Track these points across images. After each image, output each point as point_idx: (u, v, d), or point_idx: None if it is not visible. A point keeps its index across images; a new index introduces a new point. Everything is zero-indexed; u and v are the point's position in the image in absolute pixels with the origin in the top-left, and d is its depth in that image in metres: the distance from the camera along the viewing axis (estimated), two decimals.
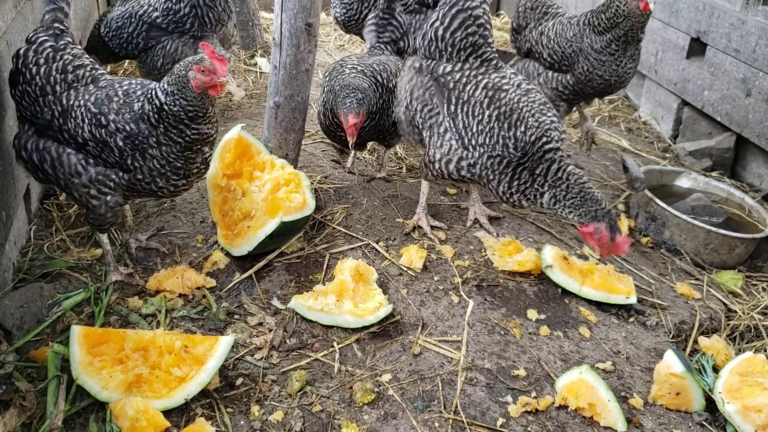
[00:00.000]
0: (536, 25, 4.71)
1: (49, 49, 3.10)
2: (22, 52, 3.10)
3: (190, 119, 2.93)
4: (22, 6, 3.70)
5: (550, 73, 4.52)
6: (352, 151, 4.37)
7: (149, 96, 2.97)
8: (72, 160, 3.04)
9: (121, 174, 3.04)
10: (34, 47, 3.10)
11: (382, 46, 4.26)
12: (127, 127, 2.95)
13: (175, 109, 2.90)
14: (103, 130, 2.96)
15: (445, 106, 3.40)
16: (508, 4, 8.69)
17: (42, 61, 3.08)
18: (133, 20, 4.54)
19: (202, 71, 2.87)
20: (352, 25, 5.25)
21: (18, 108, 3.16)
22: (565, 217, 3.30)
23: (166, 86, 2.92)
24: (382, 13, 4.25)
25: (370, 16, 4.35)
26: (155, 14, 4.53)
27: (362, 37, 5.58)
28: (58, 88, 3.07)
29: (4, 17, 3.37)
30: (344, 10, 5.15)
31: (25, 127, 3.16)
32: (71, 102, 3.03)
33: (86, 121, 2.98)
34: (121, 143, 2.96)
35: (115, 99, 3.01)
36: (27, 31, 3.73)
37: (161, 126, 2.94)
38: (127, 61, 5.52)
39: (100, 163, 3.04)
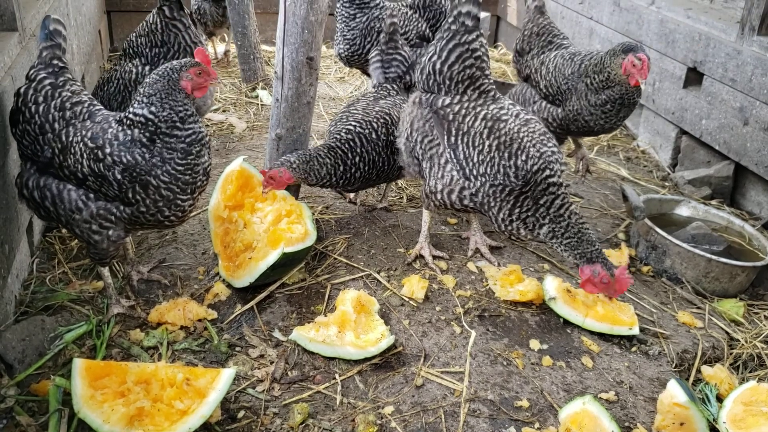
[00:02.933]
0: (539, 52, 4.68)
1: (48, 87, 3.11)
2: (22, 90, 3.11)
3: (182, 120, 2.96)
4: (27, 41, 3.75)
5: (544, 103, 4.53)
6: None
7: (128, 122, 2.99)
8: (72, 196, 3.05)
9: (122, 208, 3.04)
10: (33, 85, 3.11)
11: (389, 86, 4.20)
12: (124, 159, 2.95)
13: (165, 114, 2.94)
14: (101, 164, 2.96)
15: (446, 137, 3.43)
16: (505, 35, 8.79)
17: (41, 99, 3.08)
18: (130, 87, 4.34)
19: (199, 74, 2.99)
20: (355, 60, 5.29)
21: (19, 147, 3.17)
22: (559, 253, 3.34)
23: (144, 99, 2.96)
24: (386, 48, 4.22)
25: (373, 52, 4.30)
26: (147, 69, 4.45)
27: (364, 72, 5.64)
28: (56, 125, 3.08)
29: (9, 52, 3.42)
30: (347, 46, 5.20)
31: (26, 166, 3.16)
32: (70, 138, 3.04)
33: (84, 156, 2.99)
34: (119, 176, 2.96)
35: (110, 131, 3.02)
36: None
37: (158, 141, 2.96)
38: None
39: (101, 197, 3.04)
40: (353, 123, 3.81)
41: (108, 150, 2.97)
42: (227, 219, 3.68)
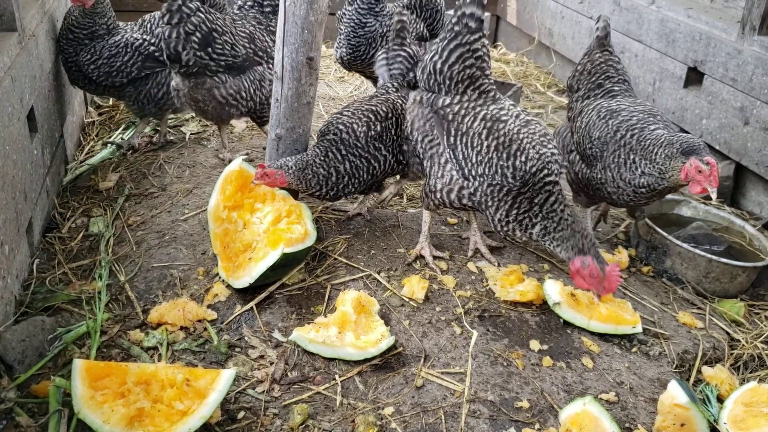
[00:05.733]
0: (585, 95, 4.08)
1: (209, 14, 4.18)
2: (197, 20, 4.08)
3: None
4: (27, 41, 3.75)
5: (578, 156, 3.98)
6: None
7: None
8: (266, 72, 4.41)
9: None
10: (204, 15, 4.12)
11: (389, 85, 4.05)
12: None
13: None
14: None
15: (445, 137, 3.43)
16: (505, 35, 8.79)
17: (225, 20, 4.23)
18: (128, 50, 4.63)
19: None
20: (357, 64, 5.27)
21: (214, 64, 4.20)
22: (551, 251, 3.30)
23: None
24: (392, 44, 4.09)
25: (380, 52, 4.18)
26: (152, 48, 4.67)
27: (363, 74, 5.63)
28: (233, 28, 4.29)
29: (9, 52, 3.42)
30: (351, 50, 5.16)
31: (223, 78, 4.26)
32: (257, 34, 4.41)
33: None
34: None
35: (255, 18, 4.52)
36: (32, 67, 3.78)
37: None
38: None
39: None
40: (340, 126, 3.74)
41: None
42: (226, 219, 3.68)
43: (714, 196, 3.30)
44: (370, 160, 3.74)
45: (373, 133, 3.72)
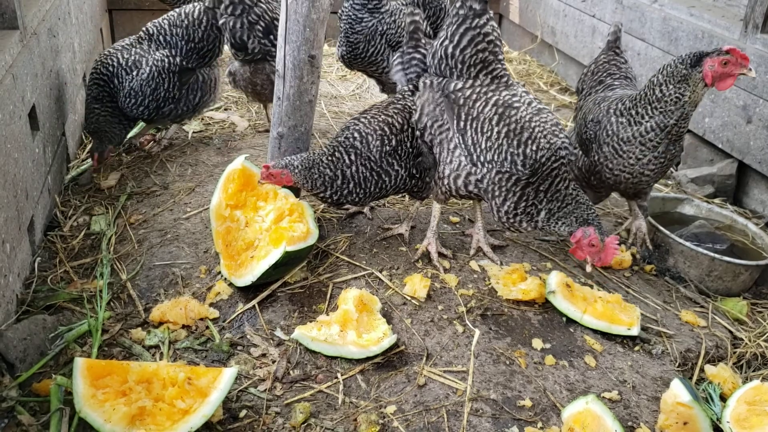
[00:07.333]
0: (587, 93, 4.22)
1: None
2: (264, 7, 4.57)
3: None
4: (29, 40, 3.75)
5: (579, 151, 4.06)
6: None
7: None
8: None
9: None
10: (269, 2, 4.60)
11: (406, 88, 3.90)
12: None
13: None
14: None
15: (455, 122, 3.41)
16: (508, 33, 8.78)
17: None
18: (164, 75, 4.54)
19: None
20: (357, 63, 5.26)
21: (276, 50, 3.97)
22: (558, 232, 3.32)
23: None
24: (407, 47, 3.93)
25: (394, 57, 4.04)
26: (178, 59, 4.60)
27: (365, 73, 5.62)
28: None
29: (11, 51, 3.41)
30: (350, 48, 5.15)
31: (267, 66, 4.65)
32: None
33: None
34: None
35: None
36: (34, 65, 3.78)
37: None
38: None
39: None
40: (355, 134, 3.66)
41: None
42: (229, 217, 3.68)
43: (753, 74, 3.31)
44: (381, 175, 3.66)
45: (387, 148, 3.63)
